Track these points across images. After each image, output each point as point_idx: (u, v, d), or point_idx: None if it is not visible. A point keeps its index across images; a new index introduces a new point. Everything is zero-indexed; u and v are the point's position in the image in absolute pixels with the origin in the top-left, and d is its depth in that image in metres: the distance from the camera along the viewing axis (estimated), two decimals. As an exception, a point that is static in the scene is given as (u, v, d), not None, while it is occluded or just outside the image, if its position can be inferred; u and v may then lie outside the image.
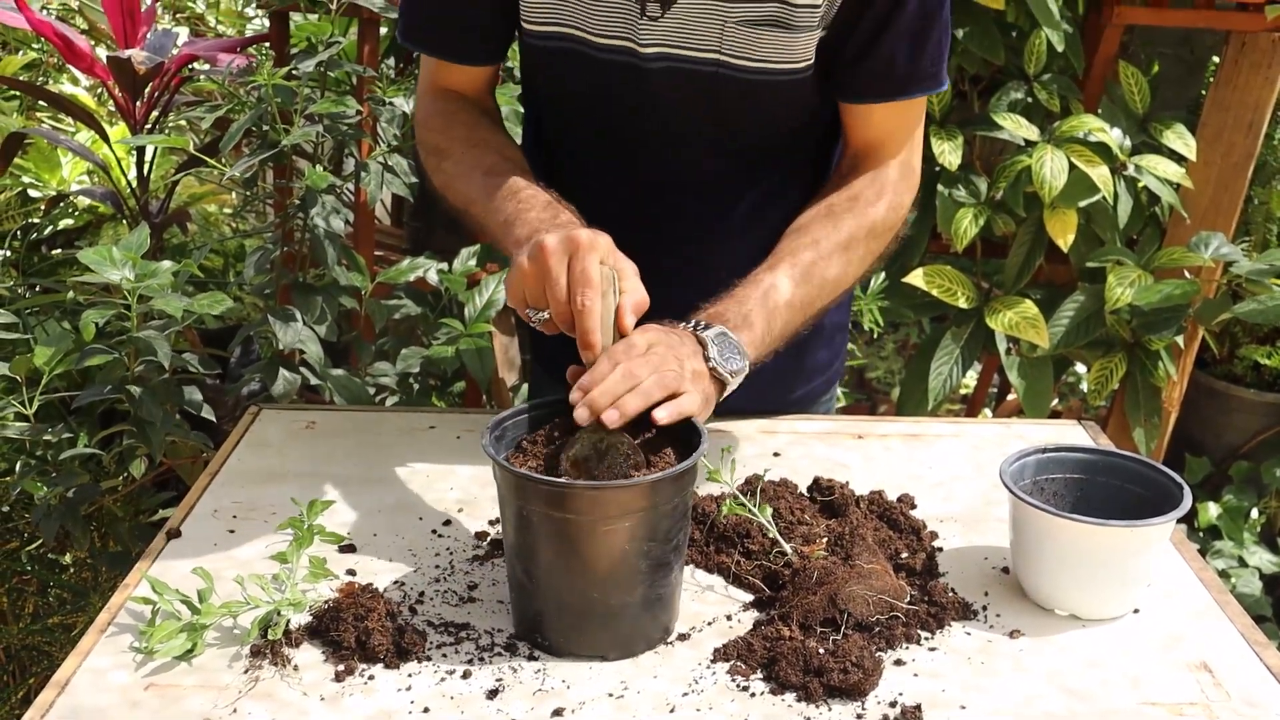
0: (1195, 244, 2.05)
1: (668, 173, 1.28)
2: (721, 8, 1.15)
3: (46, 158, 2.28)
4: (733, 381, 1.09)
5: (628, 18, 1.17)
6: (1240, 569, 2.31)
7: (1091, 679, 0.96)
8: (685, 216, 1.30)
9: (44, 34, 1.92)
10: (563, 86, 1.29)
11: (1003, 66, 2.15)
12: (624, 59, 1.19)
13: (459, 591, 1.05)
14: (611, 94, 1.23)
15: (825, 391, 1.49)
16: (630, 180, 1.30)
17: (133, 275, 1.34)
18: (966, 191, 2.11)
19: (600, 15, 1.18)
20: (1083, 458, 1.10)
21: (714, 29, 1.16)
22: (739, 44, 1.17)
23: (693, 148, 1.26)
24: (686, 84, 1.19)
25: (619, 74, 1.20)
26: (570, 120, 1.32)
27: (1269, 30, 2.11)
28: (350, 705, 0.91)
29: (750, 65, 1.18)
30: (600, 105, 1.26)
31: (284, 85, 1.58)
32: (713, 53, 1.17)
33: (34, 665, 1.85)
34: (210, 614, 0.96)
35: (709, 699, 0.92)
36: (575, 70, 1.22)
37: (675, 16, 1.16)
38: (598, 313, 0.99)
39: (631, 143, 1.27)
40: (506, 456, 0.99)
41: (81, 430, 1.54)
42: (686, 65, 1.18)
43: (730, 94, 1.20)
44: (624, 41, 1.18)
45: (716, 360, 1.08)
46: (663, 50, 1.18)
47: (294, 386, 1.64)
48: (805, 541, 1.08)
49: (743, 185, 1.30)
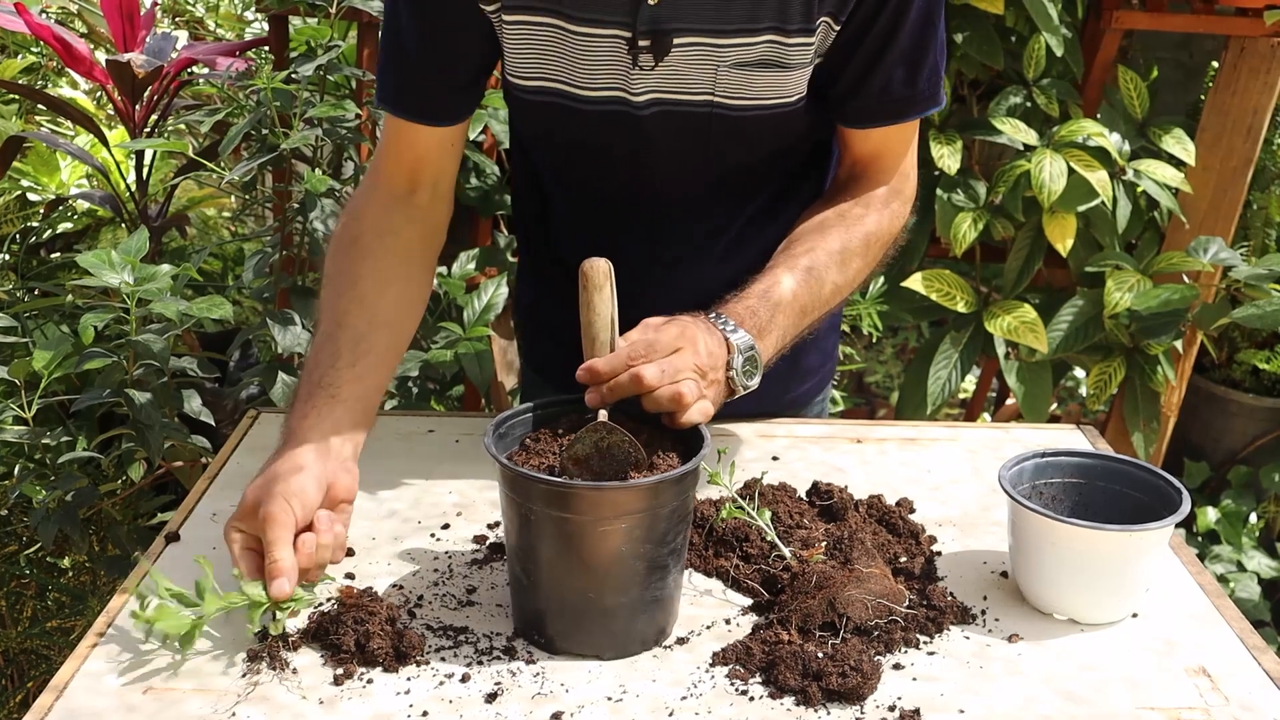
0: (1194, 249, 2.05)
1: (658, 200, 1.28)
2: (714, 53, 1.13)
3: (45, 161, 2.28)
4: (741, 394, 1.10)
5: (618, 69, 1.15)
6: (1239, 574, 2.30)
7: (1090, 683, 0.96)
8: (676, 239, 1.30)
9: (43, 38, 1.93)
10: (551, 136, 1.27)
11: (1002, 71, 2.16)
12: (615, 108, 1.17)
13: (458, 595, 1.05)
14: (602, 142, 1.22)
15: (818, 393, 1.49)
16: (621, 209, 1.29)
17: (132, 279, 1.34)
18: (965, 196, 2.12)
19: (589, 69, 1.15)
20: (1081, 462, 1.10)
21: (707, 73, 1.15)
22: (733, 85, 1.16)
23: (683, 177, 1.26)
24: (680, 124, 1.19)
25: (610, 123, 1.19)
26: (560, 161, 1.31)
27: (1268, 35, 2.11)
28: (349, 709, 0.91)
29: (744, 104, 1.17)
30: (590, 151, 1.25)
31: (283, 89, 1.58)
32: (706, 94, 1.16)
33: (32, 669, 1.85)
34: (212, 604, 0.95)
35: (707, 703, 0.92)
36: (563, 122, 1.20)
37: (668, 64, 1.14)
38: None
39: (622, 177, 1.26)
40: (510, 455, 0.99)
41: (80, 434, 1.54)
42: (680, 108, 1.17)
43: (722, 130, 1.19)
44: (615, 92, 1.16)
45: (737, 373, 1.08)
46: (655, 96, 1.17)
47: (293, 390, 1.63)
48: (804, 545, 1.08)
49: (733, 206, 1.30)
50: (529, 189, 1.37)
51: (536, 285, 1.44)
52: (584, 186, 1.30)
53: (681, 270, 1.31)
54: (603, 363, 1.00)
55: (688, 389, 1.00)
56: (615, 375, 0.99)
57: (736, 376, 1.08)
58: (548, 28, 1.14)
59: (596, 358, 1.01)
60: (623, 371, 0.99)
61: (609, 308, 1.01)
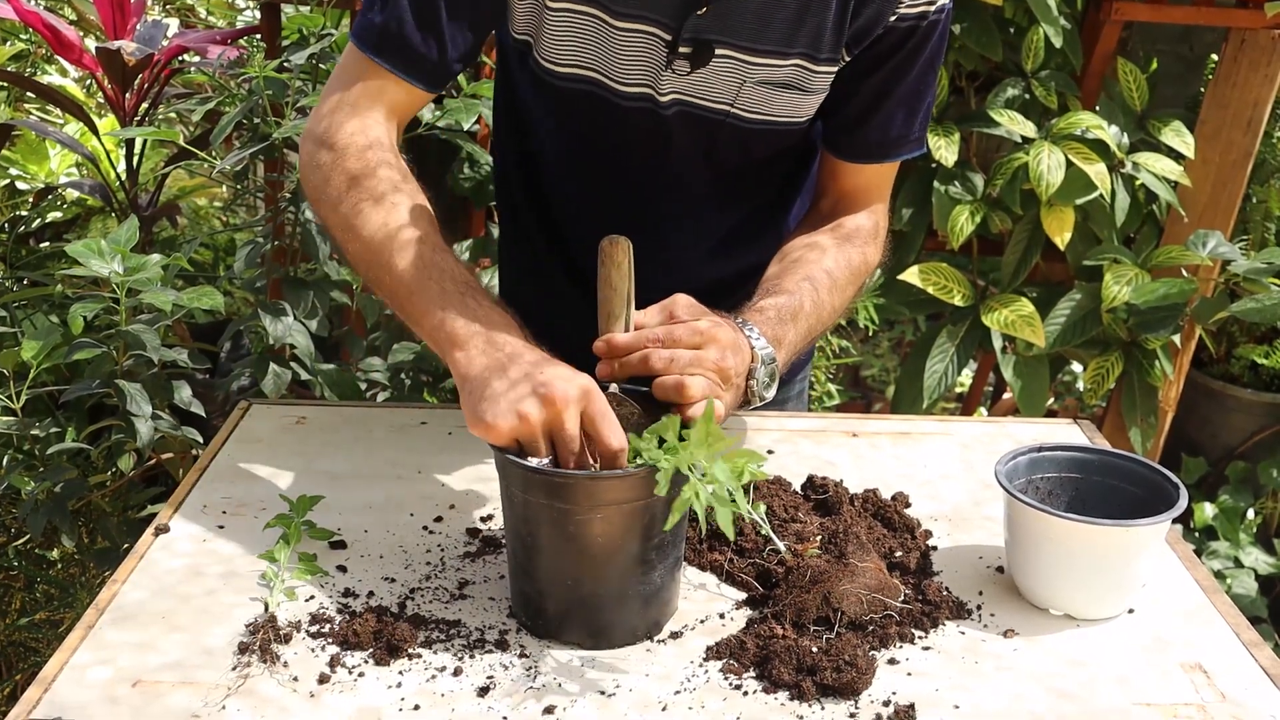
0: (1193, 242, 2.04)
1: (657, 196, 1.29)
2: (744, 69, 1.16)
3: (34, 150, 2.27)
4: (756, 405, 1.10)
5: (651, 68, 1.17)
6: (1236, 570, 2.30)
7: (1084, 679, 0.95)
8: (671, 236, 1.31)
9: (32, 24, 1.91)
10: (576, 125, 1.26)
11: (1000, 63, 2.15)
12: (644, 104, 1.20)
13: (450, 588, 1.04)
14: (627, 135, 1.23)
15: (799, 371, 1.50)
16: (621, 203, 1.30)
17: (122, 269, 1.33)
18: (963, 188, 2.11)
19: (625, 63, 1.17)
20: (1078, 457, 1.10)
21: (732, 85, 1.18)
22: (753, 101, 1.19)
23: (684, 176, 1.27)
24: (693, 126, 1.21)
25: (640, 119, 1.21)
26: (575, 150, 1.30)
27: (1268, 27, 2.10)
28: (339, 702, 0.90)
29: (758, 118, 1.20)
30: (613, 144, 1.25)
31: (275, 78, 1.56)
32: (725, 104, 1.19)
33: (20, 662, 1.84)
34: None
35: (701, 697, 0.91)
36: (594, 112, 1.21)
37: (699, 72, 1.17)
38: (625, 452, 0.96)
39: (632, 172, 1.27)
40: None
41: (69, 425, 1.52)
42: (697, 111, 1.20)
43: (729, 137, 1.22)
44: (645, 88, 1.19)
45: (758, 383, 1.08)
46: (679, 98, 1.19)
47: (284, 382, 1.63)
48: (799, 540, 1.07)
49: (729, 206, 1.31)
50: (514, 183, 1.37)
51: (516, 271, 1.45)
52: (590, 178, 1.30)
53: (676, 268, 1.30)
54: (623, 339, 1.00)
55: (694, 383, 0.99)
56: (631, 352, 0.99)
57: (756, 386, 1.08)
58: (589, 18, 1.15)
59: (614, 332, 1.00)
60: (637, 350, 0.99)
61: (626, 284, 1.01)
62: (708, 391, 1.00)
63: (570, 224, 1.35)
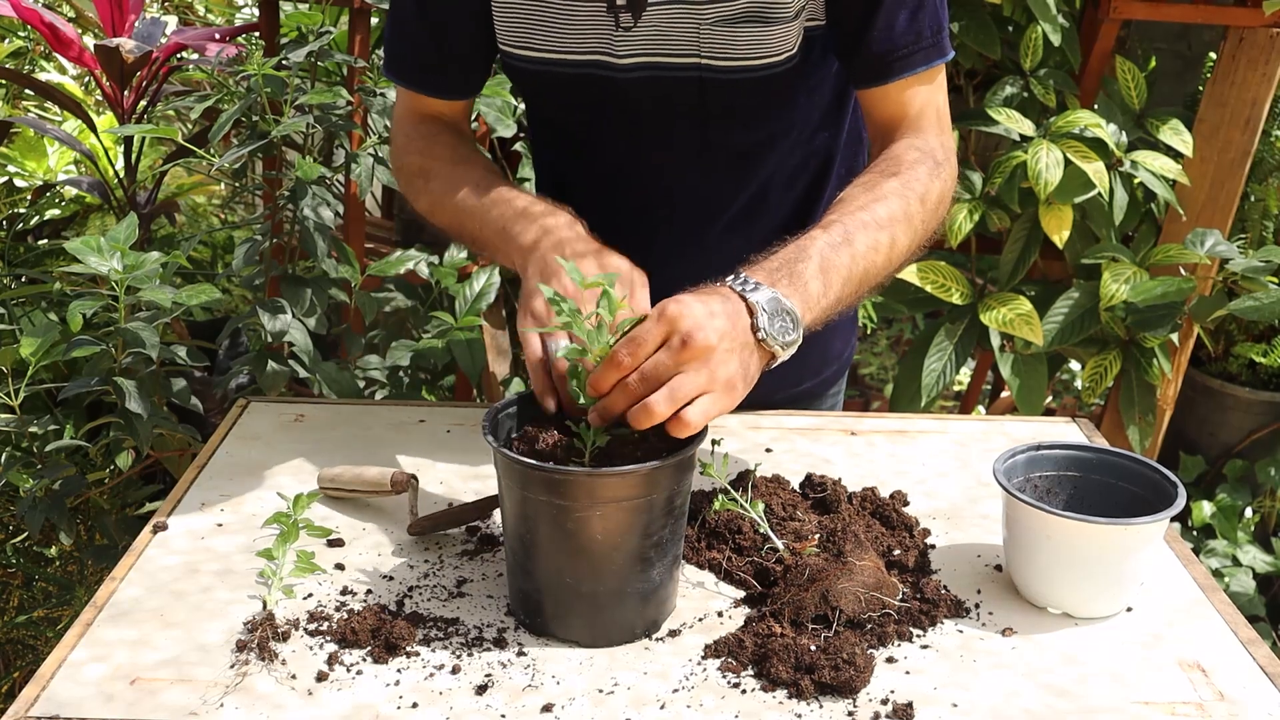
0: (1191, 241, 2.04)
1: (654, 177, 1.28)
2: (696, 9, 1.14)
3: (33, 147, 2.26)
4: (784, 354, 1.00)
5: (601, 33, 1.16)
6: (1234, 568, 2.30)
7: (1082, 677, 0.95)
8: (674, 220, 1.30)
9: (30, 21, 1.91)
10: (541, 105, 1.31)
11: (998, 61, 2.15)
12: (599, 73, 1.19)
13: (448, 586, 1.04)
14: (588, 110, 1.23)
15: (835, 382, 1.48)
16: (620, 185, 1.29)
17: (120, 266, 1.33)
18: (961, 186, 2.10)
19: (574, 35, 1.17)
20: (1076, 455, 1.10)
21: (690, 32, 1.15)
22: (717, 44, 1.16)
23: (679, 153, 1.26)
24: (672, 92, 1.19)
25: (593, 90, 1.20)
26: (556, 134, 1.33)
27: (1267, 25, 2.10)
28: (337, 700, 0.90)
29: (731, 65, 1.17)
30: (578, 121, 1.26)
31: (274, 75, 1.56)
32: (692, 57, 1.17)
33: (19, 659, 1.84)
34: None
35: (699, 695, 0.91)
36: (549, 90, 1.24)
37: (650, 24, 1.15)
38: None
39: (615, 148, 1.27)
40: (511, 438, 1.00)
41: (68, 422, 1.53)
42: (668, 73, 1.18)
43: (715, 98, 1.19)
44: (597, 56, 1.18)
45: (768, 333, 0.98)
46: (641, 60, 1.17)
47: (282, 379, 1.62)
48: (797, 538, 1.07)
49: (731, 190, 1.29)
50: (544, 167, 1.40)
51: None
52: (590, 161, 1.31)
53: (692, 242, 1.30)
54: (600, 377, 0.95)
55: (690, 417, 0.93)
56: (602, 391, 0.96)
57: (769, 337, 0.98)
58: (530, 3, 1.17)
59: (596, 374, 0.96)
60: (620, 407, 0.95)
61: None
62: (706, 414, 0.95)
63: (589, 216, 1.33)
